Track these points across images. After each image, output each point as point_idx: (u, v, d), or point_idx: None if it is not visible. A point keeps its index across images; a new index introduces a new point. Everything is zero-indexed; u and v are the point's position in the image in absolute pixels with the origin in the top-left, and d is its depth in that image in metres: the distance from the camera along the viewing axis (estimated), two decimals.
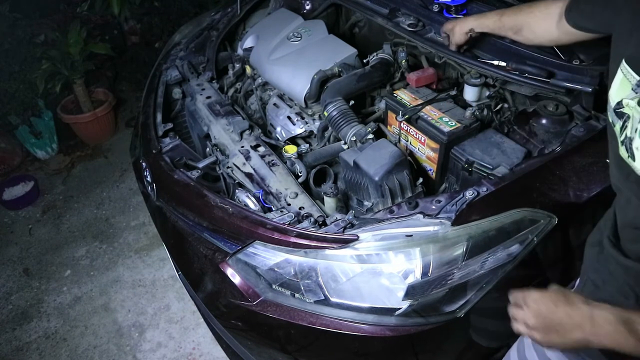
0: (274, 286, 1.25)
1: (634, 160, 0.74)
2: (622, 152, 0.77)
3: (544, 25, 1.22)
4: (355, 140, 1.45)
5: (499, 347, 1.43)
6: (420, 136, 1.43)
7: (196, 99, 1.77)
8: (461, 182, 1.38)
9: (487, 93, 1.50)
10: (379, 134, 1.52)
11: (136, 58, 3.61)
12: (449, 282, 1.16)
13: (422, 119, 1.41)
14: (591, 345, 0.73)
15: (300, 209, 1.31)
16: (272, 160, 1.48)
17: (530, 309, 0.79)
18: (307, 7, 2.11)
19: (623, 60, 0.77)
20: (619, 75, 0.78)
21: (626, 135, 0.76)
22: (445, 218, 1.13)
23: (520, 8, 1.30)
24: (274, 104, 1.75)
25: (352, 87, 1.57)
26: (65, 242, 2.64)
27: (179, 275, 1.73)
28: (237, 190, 1.42)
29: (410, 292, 1.14)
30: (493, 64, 1.40)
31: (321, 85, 1.58)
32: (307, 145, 1.60)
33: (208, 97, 1.75)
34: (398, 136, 1.52)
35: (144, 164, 1.61)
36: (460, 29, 1.42)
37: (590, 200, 1.18)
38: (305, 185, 1.42)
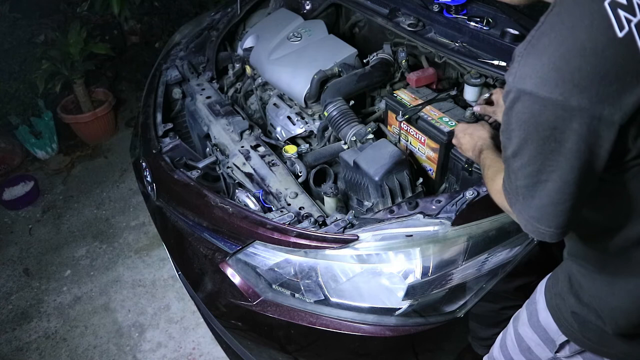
0: (274, 286, 1.25)
1: None
2: None
3: None
4: (355, 140, 1.45)
5: None
6: (420, 136, 1.43)
7: (196, 99, 1.77)
8: (461, 182, 1.38)
9: (487, 93, 1.50)
10: (379, 134, 1.52)
11: (136, 58, 3.61)
12: (449, 282, 1.16)
13: (422, 119, 1.41)
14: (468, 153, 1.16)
15: (300, 209, 1.31)
16: (272, 160, 1.48)
17: (459, 133, 1.21)
18: (307, 7, 2.11)
19: None
20: None
21: None
22: (445, 218, 1.13)
23: None
24: (274, 104, 1.75)
25: (352, 87, 1.57)
26: (65, 242, 2.64)
27: (179, 275, 1.73)
28: (237, 190, 1.42)
29: (410, 292, 1.14)
30: (493, 64, 1.40)
31: (321, 85, 1.58)
32: (307, 145, 1.59)
33: (208, 97, 1.75)
34: (398, 136, 1.52)
35: (144, 164, 1.61)
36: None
37: None
38: (305, 185, 1.42)
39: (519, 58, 0.66)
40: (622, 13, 0.61)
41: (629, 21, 0.61)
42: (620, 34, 0.60)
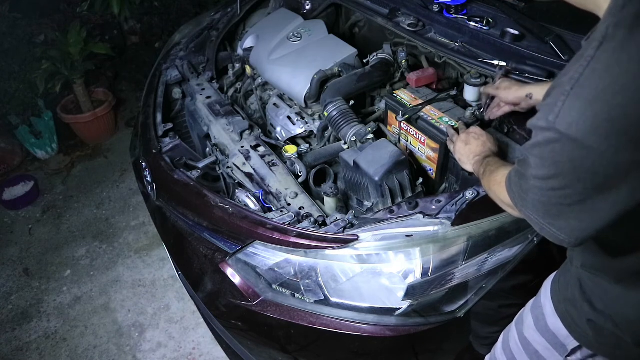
0: (274, 286, 1.25)
1: None
2: None
3: None
4: (355, 140, 1.45)
5: None
6: (420, 136, 1.43)
7: (196, 99, 1.77)
8: (461, 182, 1.38)
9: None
10: (379, 134, 1.52)
11: (136, 58, 3.61)
12: (449, 282, 1.16)
13: (422, 119, 1.41)
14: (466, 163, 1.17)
15: (300, 209, 1.31)
16: (272, 160, 1.48)
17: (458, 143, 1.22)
18: (307, 7, 2.11)
19: None
20: None
21: None
22: (445, 218, 1.13)
23: None
24: (274, 104, 1.75)
25: (352, 87, 1.57)
26: (65, 242, 2.64)
27: (179, 275, 1.73)
28: (237, 190, 1.42)
29: (410, 292, 1.14)
30: (493, 64, 1.40)
31: (321, 85, 1.58)
32: (307, 145, 1.59)
33: (208, 97, 1.75)
34: (398, 136, 1.52)
35: (144, 164, 1.61)
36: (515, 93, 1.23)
37: None
38: (305, 185, 1.42)
39: (564, 97, 0.60)
40: None
41: None
42: None
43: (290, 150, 1.49)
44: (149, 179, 1.58)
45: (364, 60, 1.67)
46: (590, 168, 0.60)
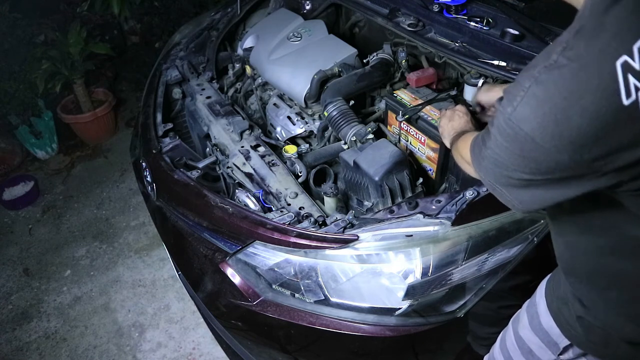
0: (274, 286, 1.25)
1: None
2: None
3: None
4: (355, 140, 1.45)
5: None
6: (420, 136, 1.43)
7: (196, 99, 1.77)
8: (461, 182, 1.38)
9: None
10: (379, 134, 1.52)
11: (136, 58, 3.61)
12: (449, 282, 1.16)
13: (422, 119, 1.41)
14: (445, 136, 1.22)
15: (300, 209, 1.31)
16: (272, 160, 1.48)
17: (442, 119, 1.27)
18: (307, 7, 2.11)
19: None
20: None
21: None
22: (445, 218, 1.13)
23: None
24: (274, 104, 1.75)
25: (352, 87, 1.57)
26: (65, 242, 2.64)
27: (179, 275, 1.73)
28: (237, 190, 1.42)
29: (410, 292, 1.14)
30: (493, 64, 1.40)
31: (321, 85, 1.58)
32: (307, 145, 1.60)
33: (208, 97, 1.75)
34: (398, 136, 1.52)
35: (144, 164, 1.61)
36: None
37: None
38: (305, 185, 1.42)
39: (523, 93, 0.64)
40: (632, 79, 0.57)
41: (637, 89, 0.57)
42: (626, 102, 0.58)
43: (290, 150, 1.49)
44: (149, 179, 1.58)
45: (364, 60, 1.67)
46: (536, 159, 0.65)
